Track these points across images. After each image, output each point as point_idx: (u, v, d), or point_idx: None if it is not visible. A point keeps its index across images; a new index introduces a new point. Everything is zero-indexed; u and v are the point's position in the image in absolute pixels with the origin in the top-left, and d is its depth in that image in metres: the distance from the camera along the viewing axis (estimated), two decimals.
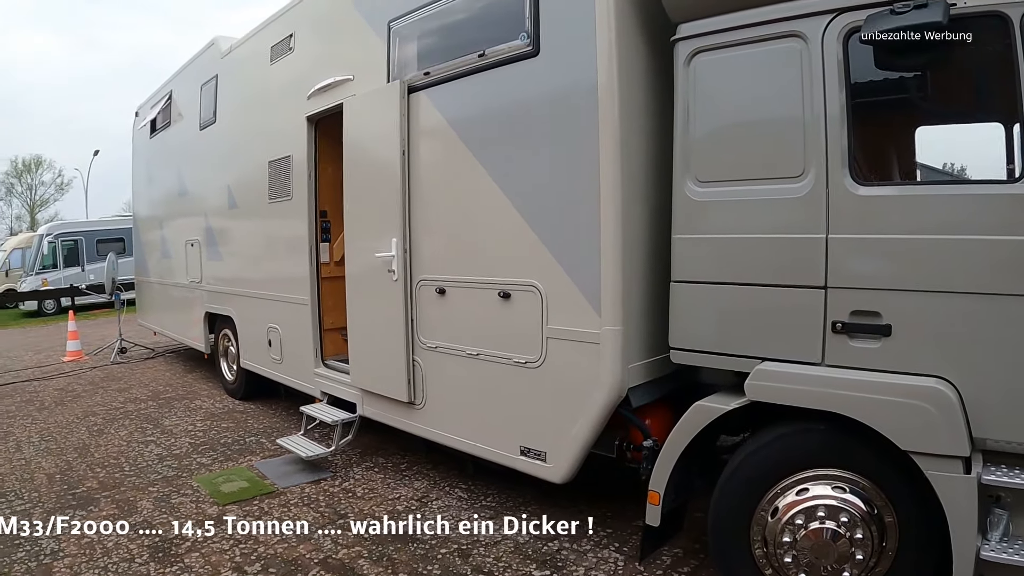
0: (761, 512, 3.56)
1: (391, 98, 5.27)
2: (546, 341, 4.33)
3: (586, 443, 4.18)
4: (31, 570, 4.52)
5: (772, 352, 3.55)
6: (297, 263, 6.96)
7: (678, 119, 3.85)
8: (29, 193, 62.73)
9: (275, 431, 7.43)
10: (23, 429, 8.10)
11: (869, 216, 3.28)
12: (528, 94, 4.40)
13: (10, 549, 4.79)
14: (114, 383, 10.67)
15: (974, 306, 3.05)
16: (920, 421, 3.10)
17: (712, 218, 3.74)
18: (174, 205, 10.68)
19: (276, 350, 7.62)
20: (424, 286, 5.21)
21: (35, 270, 24.45)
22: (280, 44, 7.16)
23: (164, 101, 10.67)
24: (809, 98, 3.40)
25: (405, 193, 5.26)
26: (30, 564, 4.59)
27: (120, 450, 7.05)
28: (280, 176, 7.22)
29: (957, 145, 3.93)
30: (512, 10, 4.43)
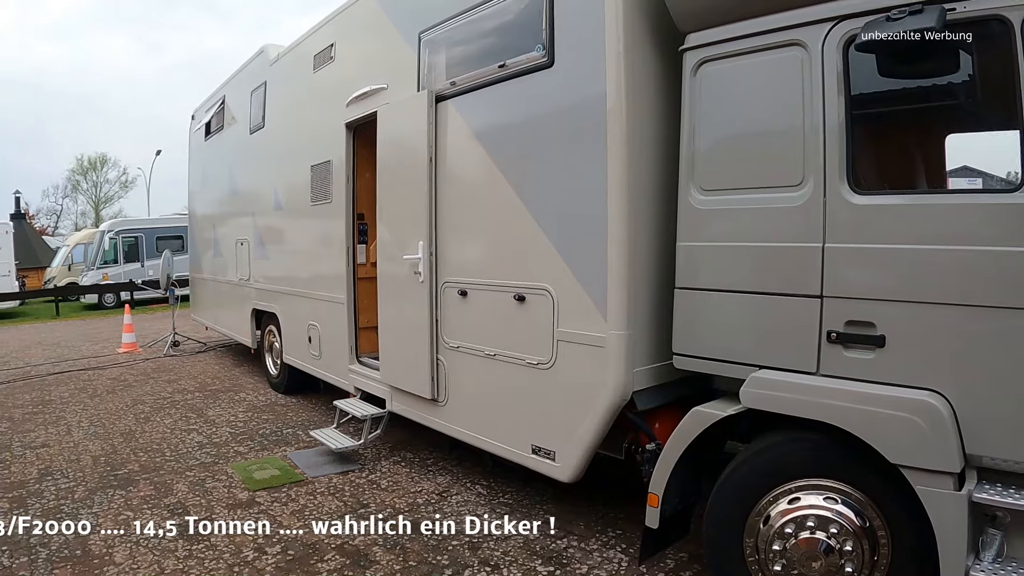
0: (754, 519, 3.57)
1: (419, 107, 5.48)
2: (556, 343, 4.46)
3: (592, 444, 4.30)
4: (69, 542, 4.85)
5: (769, 360, 3.59)
6: (335, 263, 7.24)
7: (684, 128, 3.93)
8: (94, 190, 64.86)
9: (311, 424, 7.69)
10: (74, 414, 8.57)
11: (865, 225, 3.27)
12: (543, 104, 4.54)
13: (50, 522, 5.11)
14: (164, 374, 11.13)
15: (970, 319, 3.00)
16: (910, 434, 3.06)
17: (714, 226, 3.80)
18: (226, 205, 11.10)
19: (315, 346, 7.90)
20: (448, 288, 5.40)
21: (96, 265, 25.33)
22: (322, 53, 7.44)
23: (218, 105, 11.09)
24: (809, 106, 3.42)
25: (432, 198, 5.46)
26: (68, 536, 4.92)
27: (163, 437, 7.43)
28: (321, 180, 7.50)
29: (957, 154, 3.88)
30: (530, 21, 4.58)
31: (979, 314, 2.99)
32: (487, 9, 4.97)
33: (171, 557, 4.61)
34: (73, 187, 64.04)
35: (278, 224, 9.04)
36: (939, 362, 3.10)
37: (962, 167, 3.87)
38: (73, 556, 4.66)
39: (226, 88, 10.95)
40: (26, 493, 5.78)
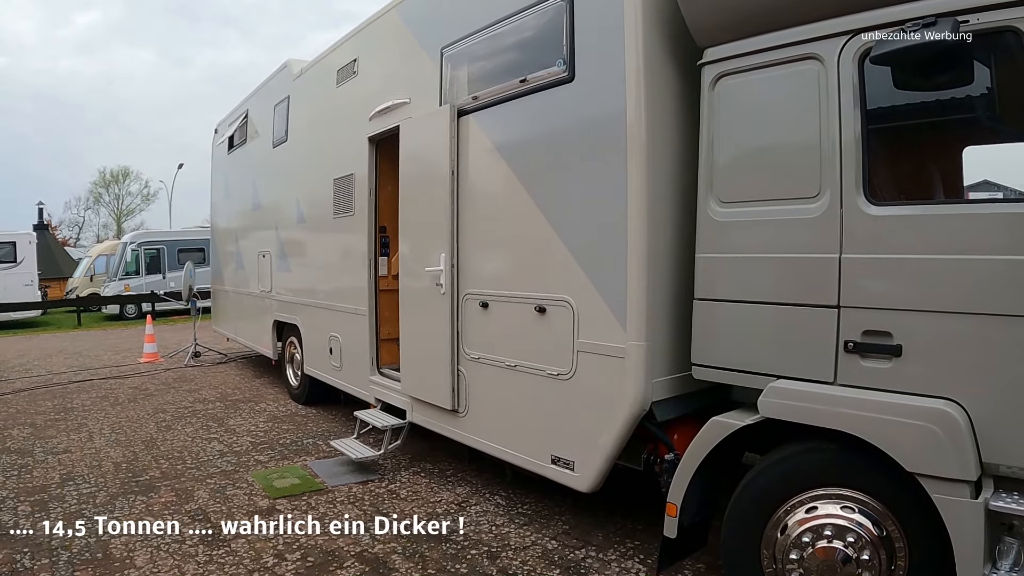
0: (771, 528, 3.59)
1: (442, 121, 5.58)
2: (577, 355, 4.51)
3: (611, 454, 4.34)
4: (90, 545, 4.95)
5: (787, 370, 3.62)
6: (357, 275, 7.33)
7: (703, 141, 3.99)
8: (116, 203, 65.41)
9: (332, 434, 7.76)
10: (96, 422, 8.70)
11: (881, 236, 3.31)
12: (564, 118, 4.62)
13: (71, 525, 5.21)
14: (185, 384, 11.25)
15: (986, 328, 3.02)
16: (926, 443, 3.08)
17: (732, 238, 3.85)
18: (248, 218, 11.24)
19: (336, 358, 7.99)
20: (469, 299, 5.47)
21: (118, 276, 25.59)
22: (345, 68, 7.57)
23: (241, 119, 11.25)
24: (825, 119, 3.47)
25: (453, 211, 5.54)
26: (89, 540, 5.03)
27: (184, 445, 7.53)
28: (344, 193, 7.61)
29: (972, 164, 3.89)
30: (551, 37, 4.67)
31: (995, 323, 3.01)
32: (508, 25, 5.06)
33: (191, 562, 4.69)
34: (95, 199, 64.81)
35: (300, 236, 9.15)
36: (955, 371, 3.13)
37: (977, 177, 3.90)
38: (94, 559, 4.74)
39: (249, 102, 11.12)
40: (48, 497, 5.88)
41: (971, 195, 3.86)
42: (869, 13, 3.37)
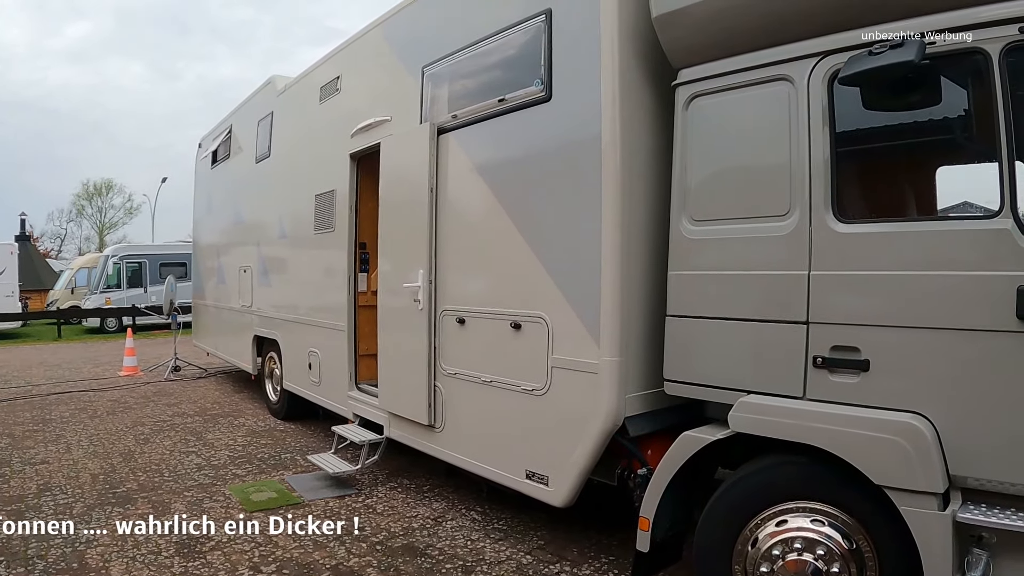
0: (743, 542, 3.63)
1: (421, 139, 5.63)
2: (551, 370, 4.55)
3: (585, 469, 4.37)
4: (66, 555, 4.93)
5: (757, 385, 3.68)
6: (337, 291, 7.35)
7: (676, 160, 4.07)
8: (99, 215, 64.96)
9: (310, 449, 7.74)
10: (75, 433, 8.67)
11: (849, 253, 3.38)
12: (540, 137, 4.68)
13: (49, 535, 5.21)
14: (165, 398, 11.20)
15: (952, 342, 3.09)
16: (894, 456, 3.14)
17: (704, 255, 3.92)
18: (230, 233, 11.24)
19: (315, 373, 7.98)
20: (446, 316, 5.50)
21: (99, 289, 25.44)
22: (328, 85, 7.62)
23: (225, 134, 11.28)
24: (795, 138, 3.55)
25: (432, 228, 5.58)
26: (65, 550, 5.01)
27: (162, 458, 7.49)
28: (325, 209, 7.64)
29: (940, 183, 3.99)
30: (530, 57, 4.74)
31: (960, 337, 3.08)
32: (488, 45, 5.13)
33: (167, 572, 4.68)
34: (78, 212, 64.35)
35: (281, 252, 9.17)
36: (922, 385, 3.19)
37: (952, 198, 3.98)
38: (70, 568, 4.72)
39: (233, 117, 11.15)
40: (25, 507, 5.85)
41: (938, 212, 3.93)
42: (838, 35, 3.46)
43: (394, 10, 6.50)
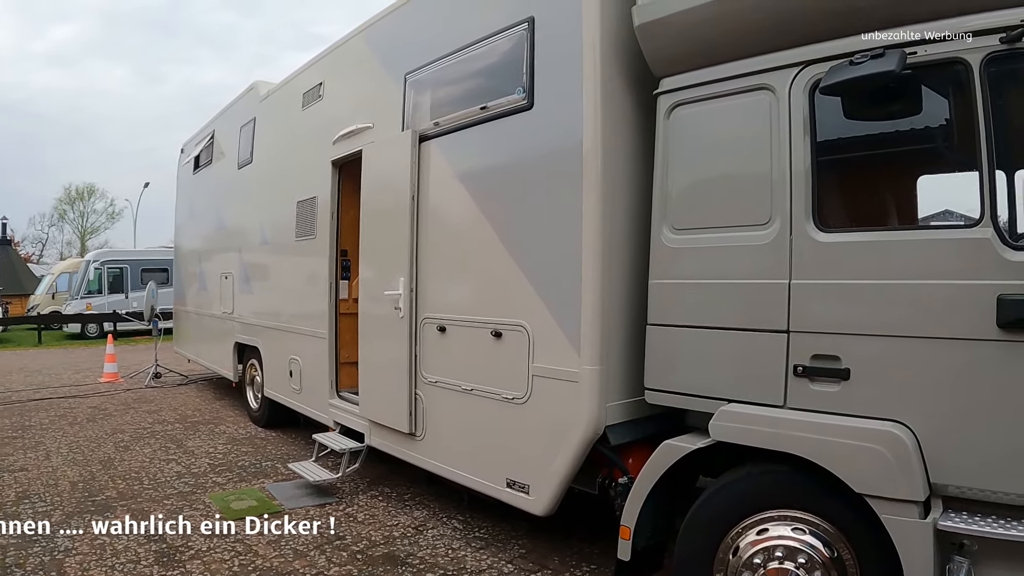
0: (724, 551, 3.62)
1: (403, 146, 5.62)
2: (531, 379, 4.54)
3: (566, 478, 4.35)
4: (44, 564, 4.87)
5: (737, 394, 3.67)
6: (318, 298, 7.32)
7: (657, 169, 4.07)
8: (81, 220, 64.64)
9: (291, 457, 7.67)
10: (54, 440, 8.59)
11: (830, 262, 3.39)
12: (522, 145, 4.68)
13: (27, 544, 5.17)
14: (145, 405, 11.12)
15: (932, 351, 3.10)
16: (875, 465, 3.14)
17: (684, 264, 3.92)
18: (212, 239, 11.17)
19: (296, 380, 7.94)
20: (427, 323, 5.48)
21: (80, 294, 25.30)
22: (311, 91, 7.60)
23: (207, 140, 11.22)
24: (776, 147, 3.56)
25: (413, 236, 5.57)
26: (44, 559, 4.96)
27: (142, 465, 7.43)
28: (306, 216, 7.60)
29: (921, 192, 4.02)
30: (512, 65, 4.73)
31: (941, 346, 3.09)
32: (471, 52, 5.12)
33: None
34: (60, 216, 64.01)
35: (263, 259, 9.12)
36: (902, 394, 3.19)
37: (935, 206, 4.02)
38: None
39: (216, 123, 11.09)
40: (2, 515, 5.77)
41: (919, 222, 3.97)
42: (819, 45, 3.47)
43: (377, 17, 6.49)
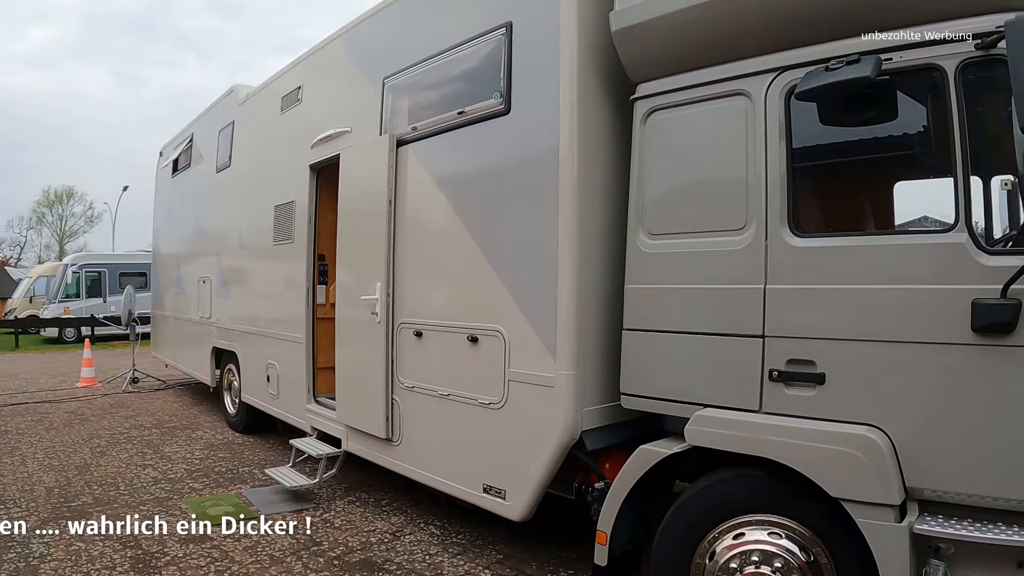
0: (700, 556, 3.62)
1: (381, 150, 5.60)
2: (508, 384, 4.53)
3: (542, 483, 4.34)
4: (19, 570, 4.81)
5: (713, 399, 3.68)
6: (295, 303, 7.27)
7: (634, 174, 4.08)
8: (59, 223, 64.02)
9: (268, 463, 7.62)
10: (30, 445, 8.50)
11: (805, 267, 3.41)
12: (498, 150, 4.67)
13: (1, 550, 5.09)
14: (122, 410, 11.00)
15: (907, 355, 3.12)
16: (850, 469, 3.16)
17: (661, 269, 3.92)
18: (190, 243, 11.08)
19: (273, 385, 7.88)
20: (404, 328, 5.46)
21: (58, 298, 25.07)
22: (290, 95, 7.56)
23: (186, 143, 11.14)
24: (752, 152, 3.58)
25: (390, 240, 5.55)
26: (19, 565, 4.90)
27: (118, 471, 7.35)
28: (284, 220, 7.56)
29: (894, 196, 4.06)
30: (489, 70, 4.73)
31: (915, 350, 3.11)
32: (449, 57, 5.12)
33: None
34: (38, 219, 63.41)
35: (241, 263, 9.06)
36: (877, 398, 3.21)
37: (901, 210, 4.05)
38: None
39: (195, 126, 11.02)
40: None
41: (894, 227, 4.00)
42: (795, 51, 3.50)
43: (356, 21, 6.48)
